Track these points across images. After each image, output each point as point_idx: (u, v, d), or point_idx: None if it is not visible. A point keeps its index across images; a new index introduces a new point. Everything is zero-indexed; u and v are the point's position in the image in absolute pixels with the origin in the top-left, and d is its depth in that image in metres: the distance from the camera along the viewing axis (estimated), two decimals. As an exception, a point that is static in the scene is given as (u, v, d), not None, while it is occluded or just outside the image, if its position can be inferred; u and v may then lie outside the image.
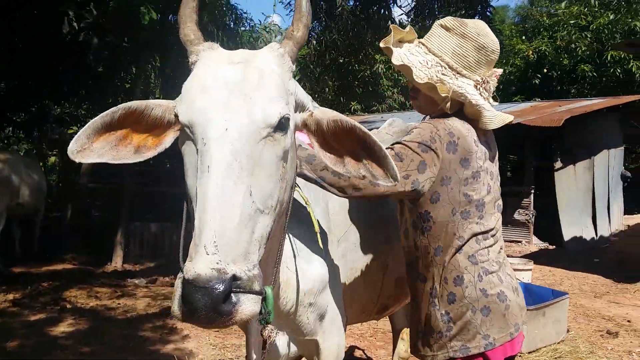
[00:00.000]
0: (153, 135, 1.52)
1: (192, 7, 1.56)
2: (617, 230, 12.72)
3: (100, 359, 4.54)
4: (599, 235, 11.79)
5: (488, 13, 9.04)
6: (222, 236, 1.22)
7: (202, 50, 1.48)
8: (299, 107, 1.55)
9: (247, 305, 1.23)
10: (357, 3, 9.19)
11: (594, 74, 17.99)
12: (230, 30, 10.35)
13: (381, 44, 1.91)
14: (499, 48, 1.92)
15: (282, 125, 1.38)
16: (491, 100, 1.90)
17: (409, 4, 8.84)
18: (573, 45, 18.31)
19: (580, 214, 11.40)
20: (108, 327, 5.50)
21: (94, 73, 10.03)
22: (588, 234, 11.46)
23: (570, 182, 11.24)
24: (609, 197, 12.54)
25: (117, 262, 8.63)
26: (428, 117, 2.02)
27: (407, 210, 1.97)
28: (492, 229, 1.90)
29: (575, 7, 19.54)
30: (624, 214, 13.92)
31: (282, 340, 1.98)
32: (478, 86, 1.85)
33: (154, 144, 1.51)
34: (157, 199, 11.80)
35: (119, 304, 6.43)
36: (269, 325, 1.52)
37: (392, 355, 3.66)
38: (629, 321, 6.07)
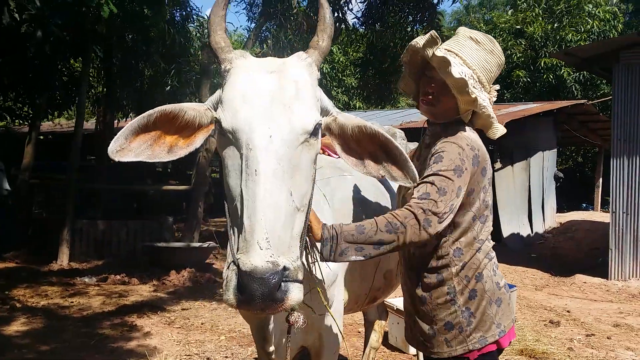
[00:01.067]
0: (183, 136, 1.61)
1: (221, 16, 1.64)
2: (551, 228, 13.48)
3: (62, 358, 4.44)
4: (534, 232, 12.46)
5: (437, 20, 9.35)
6: (272, 233, 1.34)
7: (235, 59, 1.57)
8: (323, 112, 1.67)
9: (295, 293, 1.36)
10: (312, 5, 9.32)
11: (528, 79, 18.91)
12: (179, 25, 10.26)
13: (418, 42, 1.93)
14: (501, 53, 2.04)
15: (315, 131, 1.52)
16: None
17: (359, 9, 8.95)
18: (509, 52, 19.17)
19: (518, 212, 12.01)
20: (64, 325, 5.39)
21: (35, 66, 9.67)
22: (525, 230, 12.08)
23: (508, 182, 11.81)
24: (543, 196, 13.26)
25: (63, 260, 8.37)
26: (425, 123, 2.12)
27: None
28: (491, 227, 2.05)
29: (509, 15, 20.47)
30: (556, 212, 14.77)
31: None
32: (490, 100, 1.99)
33: (185, 144, 1.61)
34: (102, 195, 11.51)
35: (72, 302, 6.28)
36: (295, 312, 1.63)
37: (364, 344, 3.81)
38: (568, 311, 6.52)
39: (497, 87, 2.06)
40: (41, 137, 14.57)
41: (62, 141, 18.06)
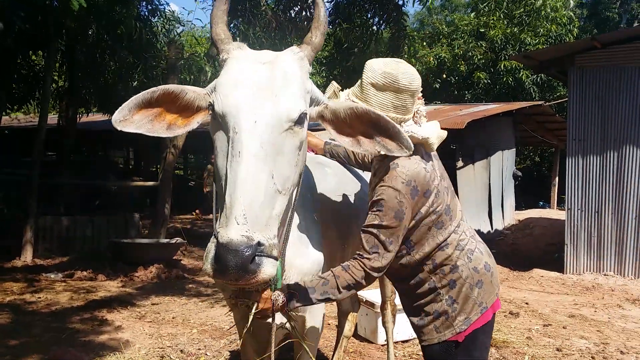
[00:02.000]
0: (182, 117, 1.72)
1: (223, 10, 1.77)
2: (510, 225, 13.92)
3: (33, 352, 4.43)
4: (494, 228, 12.85)
5: (402, 20, 9.56)
6: (249, 210, 1.46)
7: (232, 50, 1.70)
8: (314, 102, 1.80)
9: (268, 267, 1.47)
10: (280, 4, 9.41)
11: (488, 80, 19.41)
12: (145, 20, 10.16)
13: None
14: (413, 75, 2.03)
15: (300, 120, 1.64)
16: (425, 120, 2.14)
17: (327, 8, 9.20)
18: (470, 54, 19.62)
19: (478, 210, 12.36)
20: (32, 320, 5.35)
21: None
22: (485, 227, 12.45)
23: (469, 180, 12.14)
24: (502, 194, 13.68)
25: (27, 257, 8.22)
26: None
27: None
28: (459, 219, 2.18)
29: (471, 17, 20.94)
30: (515, 210, 15.24)
31: (276, 317, 2.17)
32: (414, 118, 2.09)
33: (183, 124, 1.73)
34: (64, 191, 11.32)
35: (38, 297, 6.22)
36: (276, 291, 1.75)
37: (337, 334, 3.94)
38: (526, 303, 6.81)
39: (420, 95, 2.12)
40: (-1, 132, 14.22)
41: (21, 136, 17.63)
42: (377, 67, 2.02)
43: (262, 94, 1.57)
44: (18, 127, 18.39)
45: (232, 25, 8.95)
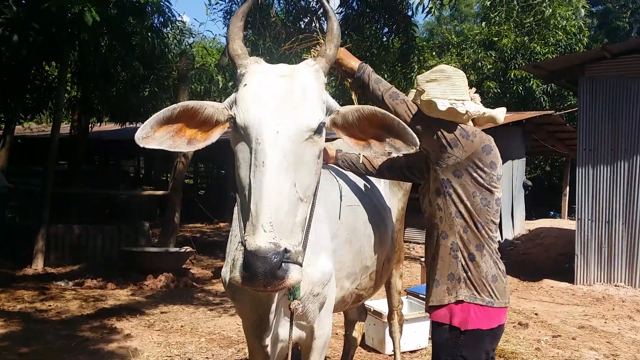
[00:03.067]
0: (202, 131, 1.76)
1: (239, 26, 1.82)
2: (520, 234, 13.83)
3: (45, 359, 4.48)
4: (504, 238, 12.77)
5: (411, 31, 9.60)
6: (275, 218, 1.49)
7: (250, 64, 1.75)
8: (328, 111, 1.84)
9: (294, 274, 1.50)
10: (290, 15, 9.49)
11: (498, 90, 19.37)
12: (158, 31, 10.29)
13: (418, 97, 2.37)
14: (453, 69, 2.38)
15: (319, 129, 1.69)
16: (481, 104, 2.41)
17: (337, 19, 9.21)
18: (479, 63, 19.61)
19: (488, 219, 12.29)
20: (43, 328, 5.40)
21: (9, 70, 9.61)
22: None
23: (479, 190, 12.08)
24: (512, 204, 13.61)
25: (38, 265, 8.30)
26: None
27: (432, 179, 2.38)
28: (497, 225, 2.35)
29: (482, 27, 20.95)
30: (525, 220, 15.15)
31: (285, 327, 2.18)
32: (474, 100, 2.36)
33: (203, 138, 1.77)
34: (75, 200, 11.45)
35: (49, 306, 6.28)
36: (296, 300, 1.77)
37: (344, 344, 3.95)
38: (536, 314, 6.77)
39: (473, 89, 2.43)
40: (12, 142, 14.36)
41: (33, 145, 17.84)
42: (425, 72, 2.42)
43: (283, 106, 1.62)
44: (31, 137, 18.61)
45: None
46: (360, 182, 2.86)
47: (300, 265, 1.53)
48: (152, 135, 1.68)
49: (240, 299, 2.25)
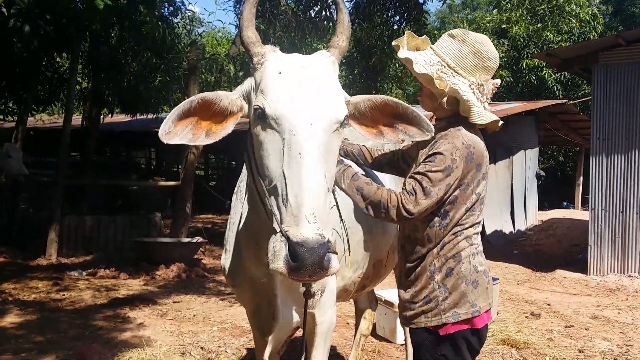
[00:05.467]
0: (214, 122, 1.76)
1: (252, 13, 1.79)
2: (532, 225, 13.76)
3: (58, 348, 4.52)
4: (516, 229, 12.72)
5: (423, 19, 9.52)
6: (317, 209, 1.50)
7: (267, 53, 1.72)
8: None
9: (335, 263, 1.51)
10: (300, 4, 9.44)
11: (511, 79, 19.20)
12: (167, 20, 10.29)
13: (393, 43, 2.21)
14: (496, 58, 2.13)
15: (345, 121, 1.69)
16: (486, 104, 2.15)
17: (347, 8, 9.23)
18: (492, 52, 19.41)
19: (501, 210, 12.24)
20: (58, 317, 5.46)
21: (21, 61, 9.66)
22: (507, 227, 12.34)
23: (491, 180, 12.02)
24: (525, 194, 13.52)
25: (51, 255, 8.38)
26: (433, 118, 2.24)
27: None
28: (480, 216, 2.18)
29: (494, 15, 20.74)
30: (538, 210, 15.06)
31: (287, 314, 2.20)
32: (472, 86, 2.09)
33: (218, 129, 1.77)
34: (88, 191, 11.54)
35: (63, 295, 6.34)
36: (314, 286, 1.77)
37: (355, 332, 3.95)
38: (548, 304, 6.73)
39: (498, 81, 2.19)
40: (24, 133, 14.49)
41: (45, 137, 17.96)
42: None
43: (313, 98, 1.62)
44: (42, 128, 18.74)
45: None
46: (362, 171, 2.83)
47: (336, 253, 1.53)
48: (173, 130, 1.68)
49: (240, 286, 2.26)
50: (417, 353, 2.22)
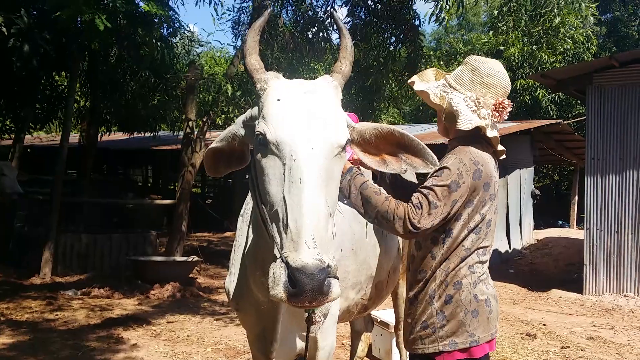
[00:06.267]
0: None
1: (255, 40, 1.83)
2: (528, 244, 13.75)
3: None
4: (512, 248, 12.71)
5: (418, 40, 9.63)
6: (317, 234, 1.50)
7: (270, 79, 1.75)
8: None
9: (336, 288, 1.50)
10: (297, 25, 9.55)
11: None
12: (166, 40, 10.37)
13: (410, 80, 2.31)
14: (497, 75, 2.16)
15: (346, 146, 1.71)
16: (489, 120, 2.14)
17: (350, 36, 9.33)
18: (487, 72, 19.58)
19: (496, 228, 12.20)
20: (51, 337, 5.42)
21: (19, 80, 9.71)
22: (503, 247, 12.32)
23: (487, 199, 12.03)
24: (521, 213, 13.54)
25: (46, 274, 8.33)
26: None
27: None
28: (489, 246, 2.18)
29: (489, 35, 20.96)
30: (534, 229, 15.06)
31: (290, 339, 2.20)
32: (467, 99, 2.13)
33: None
34: (84, 209, 11.51)
35: (56, 315, 6.30)
36: (316, 312, 1.78)
37: (350, 354, 3.94)
38: (544, 325, 6.72)
39: (506, 101, 2.17)
40: (21, 151, 14.50)
41: (42, 155, 17.98)
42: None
43: (314, 123, 1.63)
44: (40, 146, 18.75)
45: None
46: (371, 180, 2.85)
47: (338, 278, 1.53)
48: (217, 168, 1.96)
49: (244, 310, 2.25)
50: None
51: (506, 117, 2.18)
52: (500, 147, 2.20)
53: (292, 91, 1.71)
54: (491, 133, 2.13)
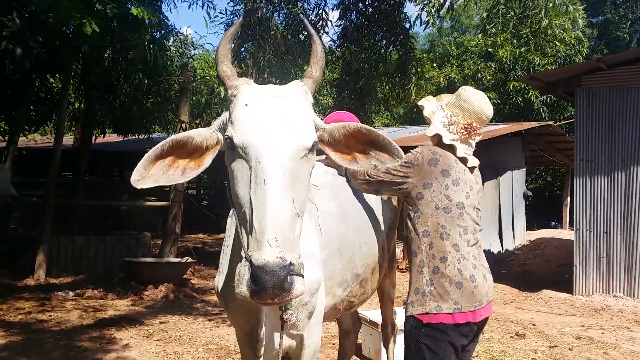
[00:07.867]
0: (193, 159, 1.84)
1: (228, 49, 1.88)
2: (520, 245, 13.84)
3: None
4: (504, 249, 12.79)
5: (409, 43, 9.71)
6: (279, 233, 1.56)
7: (241, 85, 1.80)
8: (316, 129, 1.90)
9: (299, 285, 1.57)
10: (289, 28, 9.61)
11: (498, 100, 19.45)
12: (159, 43, 10.42)
13: (420, 102, 2.82)
14: (472, 102, 2.62)
15: (313, 148, 1.77)
16: (456, 136, 2.61)
17: (335, 32, 9.37)
18: (479, 75, 19.72)
19: (488, 230, 12.32)
20: (43, 338, 5.46)
21: (12, 82, 9.75)
22: (495, 247, 12.41)
23: (479, 200, 12.10)
24: (513, 214, 13.63)
25: (39, 276, 8.37)
26: None
27: (405, 207, 2.66)
28: (469, 227, 2.53)
29: (480, 38, 21.08)
30: (526, 230, 15.15)
31: (277, 336, 2.24)
32: (444, 117, 2.66)
33: (196, 165, 1.85)
34: (78, 211, 11.52)
35: (49, 316, 6.34)
36: (289, 311, 1.84)
37: (339, 353, 4.00)
38: (534, 324, 6.79)
39: (472, 123, 2.64)
40: (15, 153, 14.51)
41: (37, 157, 17.96)
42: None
43: (280, 126, 1.68)
44: (35, 148, 18.74)
45: (242, 49, 9.18)
46: (351, 192, 2.94)
47: (303, 277, 1.59)
48: (146, 174, 1.76)
49: (233, 309, 2.31)
50: (405, 347, 2.53)
51: (475, 139, 2.66)
52: (471, 164, 2.63)
53: (261, 96, 1.76)
54: (460, 153, 2.58)
